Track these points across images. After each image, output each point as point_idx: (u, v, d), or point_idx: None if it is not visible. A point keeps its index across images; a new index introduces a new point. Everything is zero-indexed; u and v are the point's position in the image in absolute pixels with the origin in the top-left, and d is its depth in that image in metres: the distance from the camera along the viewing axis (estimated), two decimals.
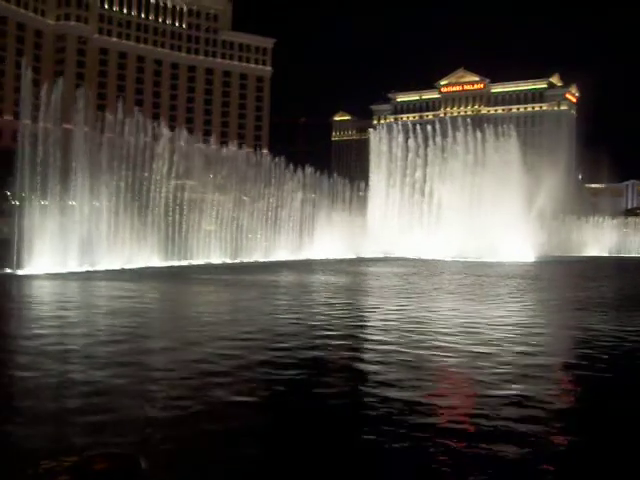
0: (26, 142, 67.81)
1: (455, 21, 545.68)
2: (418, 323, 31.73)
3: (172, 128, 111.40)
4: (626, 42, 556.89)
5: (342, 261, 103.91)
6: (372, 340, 26.70)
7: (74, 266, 64.17)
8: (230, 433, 14.06)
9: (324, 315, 34.09)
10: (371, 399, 16.66)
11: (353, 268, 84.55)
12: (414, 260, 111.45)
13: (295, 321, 31.59)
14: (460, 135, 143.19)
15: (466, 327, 30.36)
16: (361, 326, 32.25)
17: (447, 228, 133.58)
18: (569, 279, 78.76)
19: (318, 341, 25.66)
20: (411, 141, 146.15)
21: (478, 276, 71.47)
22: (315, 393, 17.57)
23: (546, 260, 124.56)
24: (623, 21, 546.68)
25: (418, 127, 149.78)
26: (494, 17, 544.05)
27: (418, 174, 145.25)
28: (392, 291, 51.94)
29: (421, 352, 23.57)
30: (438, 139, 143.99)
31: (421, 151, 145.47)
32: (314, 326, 29.94)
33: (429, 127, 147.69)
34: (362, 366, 21.38)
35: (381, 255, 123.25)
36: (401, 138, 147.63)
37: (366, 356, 23.27)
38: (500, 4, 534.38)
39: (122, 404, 15.91)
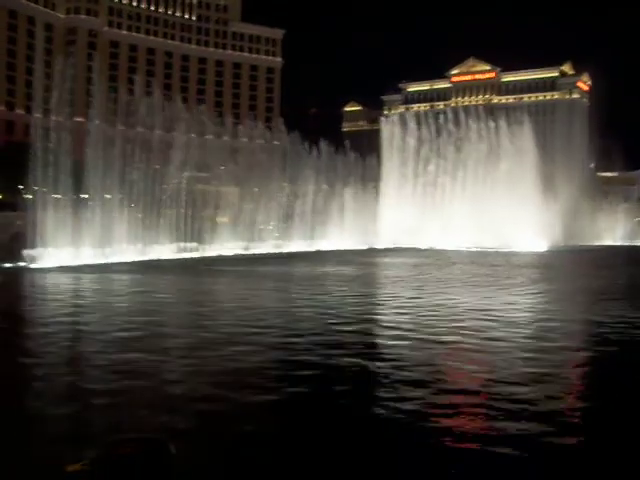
0: (38, 136, 67.99)
1: (466, 9, 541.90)
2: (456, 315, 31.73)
3: (184, 120, 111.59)
4: (638, 30, 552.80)
5: (354, 252, 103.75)
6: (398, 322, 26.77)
7: (88, 258, 64.37)
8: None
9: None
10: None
11: (365, 259, 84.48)
12: (426, 250, 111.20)
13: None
14: (474, 124, 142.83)
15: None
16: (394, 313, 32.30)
17: (460, 218, 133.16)
18: (580, 268, 78.42)
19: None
20: (424, 131, 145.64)
21: (492, 265, 71.25)
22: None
23: (559, 249, 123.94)
24: (636, 8, 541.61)
25: (430, 116, 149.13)
26: (505, 5, 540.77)
27: (431, 165, 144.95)
28: (408, 281, 51.94)
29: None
30: (451, 128, 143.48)
31: (434, 141, 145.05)
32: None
33: (442, 116, 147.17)
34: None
35: (392, 245, 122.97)
36: (414, 127, 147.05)
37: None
38: None
39: None
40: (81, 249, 65.92)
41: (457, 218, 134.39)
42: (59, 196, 70.06)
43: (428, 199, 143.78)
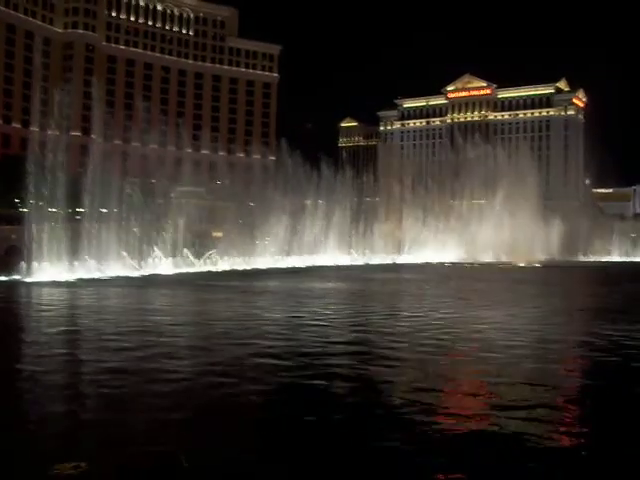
0: (35, 149, 68.02)
1: (462, 26, 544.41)
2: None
3: (179, 135, 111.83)
4: (634, 46, 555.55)
5: (353, 267, 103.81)
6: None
7: (83, 272, 64.27)
8: None
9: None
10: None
11: (366, 275, 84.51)
12: (422, 265, 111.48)
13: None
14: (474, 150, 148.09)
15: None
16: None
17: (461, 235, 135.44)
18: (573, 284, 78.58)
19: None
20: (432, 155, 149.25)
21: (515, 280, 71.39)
22: None
23: (557, 264, 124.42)
24: (631, 25, 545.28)
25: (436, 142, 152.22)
26: (500, 21, 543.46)
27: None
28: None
29: None
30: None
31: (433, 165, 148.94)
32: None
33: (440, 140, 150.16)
34: None
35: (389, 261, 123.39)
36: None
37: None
38: (506, 8, 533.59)
39: None
40: (76, 263, 65.83)
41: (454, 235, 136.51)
42: (55, 210, 70.11)
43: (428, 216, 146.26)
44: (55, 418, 15.99)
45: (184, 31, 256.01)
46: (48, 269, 62.14)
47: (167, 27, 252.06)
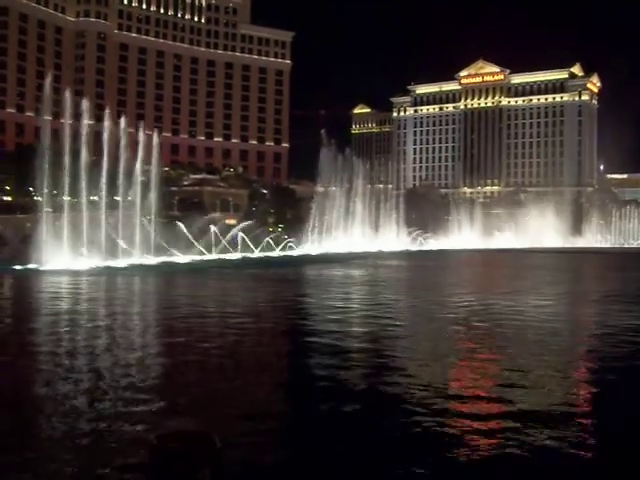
0: (47, 139, 68.11)
1: (474, 11, 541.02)
2: None
3: (192, 123, 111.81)
4: None
5: (363, 255, 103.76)
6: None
7: (98, 261, 64.42)
8: None
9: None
10: None
11: (380, 261, 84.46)
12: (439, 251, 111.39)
13: None
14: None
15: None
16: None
17: None
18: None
19: None
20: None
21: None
22: None
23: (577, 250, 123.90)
24: None
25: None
26: (513, 5, 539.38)
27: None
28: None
29: None
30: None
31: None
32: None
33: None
34: None
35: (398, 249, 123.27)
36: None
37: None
38: None
39: None
40: (90, 252, 66.02)
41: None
42: (69, 198, 70.28)
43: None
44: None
45: (196, 19, 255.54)
46: (63, 258, 62.35)
47: (179, 15, 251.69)
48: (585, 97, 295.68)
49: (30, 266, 59.32)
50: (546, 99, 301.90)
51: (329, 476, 12.20)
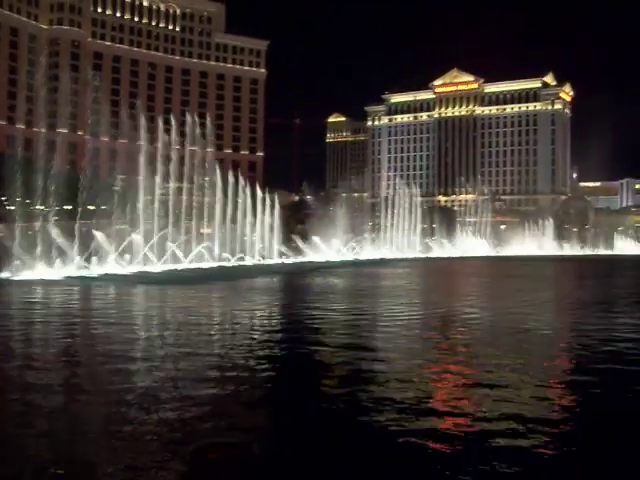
0: (20, 147, 67.51)
1: (449, 21, 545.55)
2: None
3: (167, 131, 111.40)
4: (621, 40, 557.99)
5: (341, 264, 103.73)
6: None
7: (71, 271, 63.77)
8: None
9: None
10: None
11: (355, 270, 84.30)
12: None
13: None
14: None
15: None
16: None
17: None
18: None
19: None
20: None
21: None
22: None
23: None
24: (618, 19, 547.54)
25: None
26: (488, 16, 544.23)
27: None
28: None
29: None
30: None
31: None
32: None
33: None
34: None
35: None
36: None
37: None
38: (494, 1, 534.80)
39: None
40: (64, 261, 65.35)
41: None
42: (42, 207, 69.64)
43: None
44: None
45: (171, 27, 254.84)
46: (35, 268, 61.68)
47: (153, 23, 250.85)
48: (558, 106, 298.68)
49: (2, 276, 58.58)
50: (520, 108, 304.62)
51: None
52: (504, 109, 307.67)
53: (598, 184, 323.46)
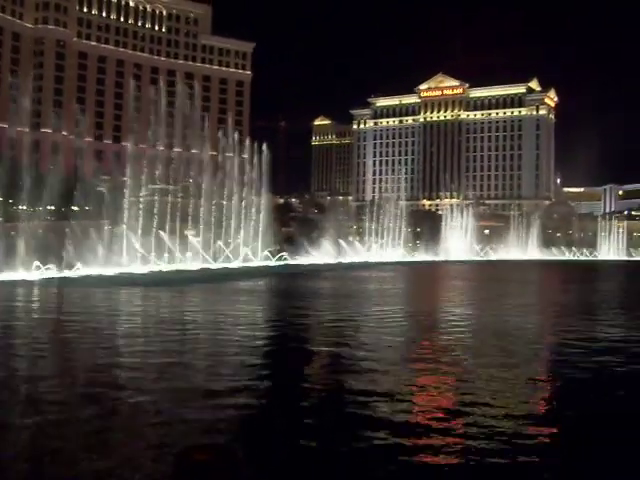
0: (3, 147, 67.16)
1: (435, 25, 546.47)
2: None
3: (153, 132, 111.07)
4: (605, 45, 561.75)
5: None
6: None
7: (54, 272, 63.39)
8: None
9: None
10: None
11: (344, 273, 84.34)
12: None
13: None
14: None
15: None
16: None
17: None
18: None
19: None
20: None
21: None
22: None
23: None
24: (602, 25, 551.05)
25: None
26: (474, 20, 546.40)
27: None
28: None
29: None
30: None
31: None
32: None
33: None
34: None
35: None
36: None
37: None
38: (478, 7, 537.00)
39: None
40: (47, 262, 64.90)
41: None
42: (24, 208, 69.25)
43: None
44: None
45: (157, 28, 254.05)
46: (20, 268, 61.31)
47: (139, 24, 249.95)
48: (542, 111, 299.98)
49: None
50: (504, 113, 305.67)
51: None
52: (489, 114, 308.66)
53: (582, 190, 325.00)
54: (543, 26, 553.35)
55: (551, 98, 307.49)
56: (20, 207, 68.35)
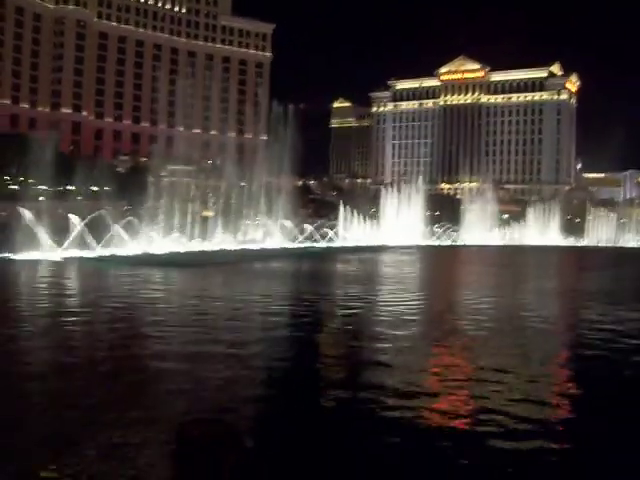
0: (24, 127, 67.38)
1: (457, 8, 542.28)
2: None
3: (171, 114, 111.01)
4: (628, 31, 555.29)
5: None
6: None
7: (74, 251, 63.63)
8: None
9: None
10: None
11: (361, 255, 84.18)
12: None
13: None
14: None
15: None
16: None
17: None
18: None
19: None
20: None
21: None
22: None
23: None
24: (626, 8, 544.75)
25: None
26: (496, 4, 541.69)
27: None
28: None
29: None
30: None
31: None
32: None
33: None
34: None
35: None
36: None
37: None
38: None
39: None
40: (67, 242, 65.17)
41: None
42: (45, 187, 69.51)
43: None
44: None
45: (176, 9, 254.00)
46: (39, 248, 61.57)
47: (159, 4, 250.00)
48: (564, 96, 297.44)
49: (4, 255, 58.47)
50: (525, 97, 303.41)
51: None
52: (510, 98, 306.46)
53: (602, 175, 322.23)
54: (567, 9, 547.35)
55: (573, 83, 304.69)
56: (40, 187, 68.61)
